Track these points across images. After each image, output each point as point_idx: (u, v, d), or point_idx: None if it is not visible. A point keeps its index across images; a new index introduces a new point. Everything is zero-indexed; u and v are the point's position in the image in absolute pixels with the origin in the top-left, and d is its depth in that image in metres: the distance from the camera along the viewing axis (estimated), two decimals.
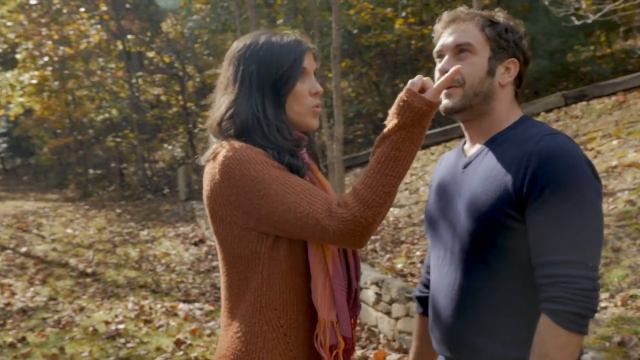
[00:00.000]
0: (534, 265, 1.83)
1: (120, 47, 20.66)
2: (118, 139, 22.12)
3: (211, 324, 6.76)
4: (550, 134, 1.92)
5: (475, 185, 1.96)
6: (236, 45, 2.07)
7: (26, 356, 6.00)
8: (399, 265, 6.70)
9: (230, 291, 2.01)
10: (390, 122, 1.79)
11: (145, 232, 13.19)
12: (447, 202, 2.09)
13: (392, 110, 1.80)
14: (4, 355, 6.10)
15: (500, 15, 2.04)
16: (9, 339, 6.53)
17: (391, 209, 9.26)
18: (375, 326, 6.13)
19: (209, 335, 6.33)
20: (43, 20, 17.22)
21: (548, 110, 11.11)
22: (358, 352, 5.56)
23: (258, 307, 1.94)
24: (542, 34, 12.39)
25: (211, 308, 7.36)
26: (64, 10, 17.65)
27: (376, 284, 6.10)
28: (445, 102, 2.01)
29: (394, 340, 5.76)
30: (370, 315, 6.23)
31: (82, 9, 18.01)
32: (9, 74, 19.50)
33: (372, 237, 8.12)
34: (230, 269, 1.99)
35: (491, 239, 1.90)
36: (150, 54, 22.40)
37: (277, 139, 1.95)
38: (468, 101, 1.99)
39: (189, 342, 6.14)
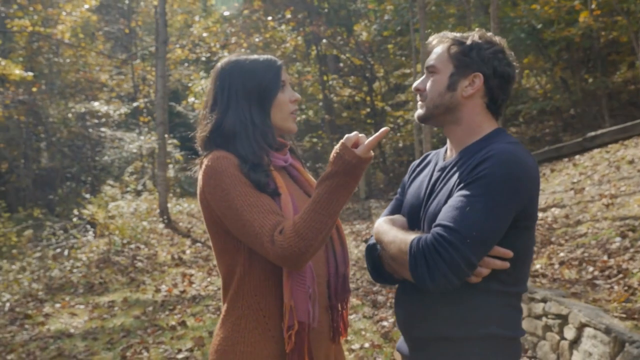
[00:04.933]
0: None
1: (315, 51, 21.60)
2: (315, 139, 23.10)
3: (352, 317, 7.07)
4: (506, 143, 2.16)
5: (441, 196, 2.19)
6: (219, 67, 2.40)
7: (179, 338, 6.67)
8: (537, 266, 6.63)
9: (223, 280, 2.35)
10: (328, 168, 2.06)
11: None
12: (425, 197, 2.32)
13: (330, 158, 2.07)
14: (164, 335, 6.82)
15: (474, 35, 2.27)
16: (172, 322, 7.26)
17: (551, 209, 9.05)
18: None
19: None
20: (232, 30, 18.43)
21: None
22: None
23: (241, 293, 2.26)
24: None
25: (358, 302, 7.67)
26: (254, 19, 18.75)
27: None
28: (416, 113, 2.34)
29: None
30: None
31: (269, 18, 19.06)
32: None
33: None
34: (220, 261, 2.33)
35: None
36: (344, 57, 23.14)
37: (260, 142, 2.27)
38: (429, 112, 2.28)
39: None
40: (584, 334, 4.66)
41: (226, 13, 18.62)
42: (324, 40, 21.21)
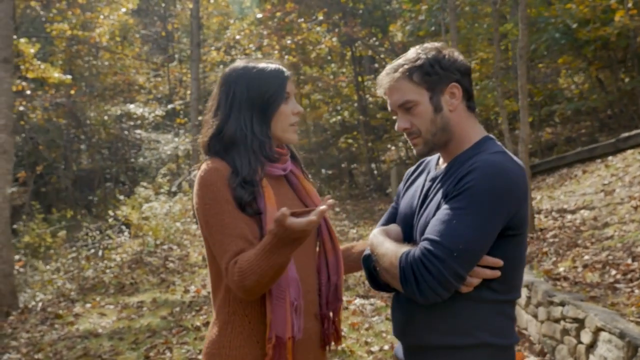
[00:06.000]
0: None
1: (350, 53, 21.66)
2: (350, 140, 23.15)
3: (375, 318, 7.08)
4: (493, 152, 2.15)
5: (431, 207, 2.19)
6: (227, 72, 2.43)
7: (203, 338, 6.76)
8: (561, 269, 6.57)
9: (212, 285, 2.40)
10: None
11: (354, 231, 13.80)
12: (418, 207, 2.32)
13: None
14: (188, 336, 6.92)
15: (420, 53, 2.23)
16: (197, 323, 7.36)
17: (580, 211, 8.97)
18: (526, 329, 6.11)
19: (367, 329, 6.66)
20: (265, 32, 18.57)
21: None
22: None
23: (228, 299, 2.31)
24: None
25: (382, 304, 7.68)
26: (286, 22, 18.86)
27: (527, 286, 6.08)
28: (414, 150, 2.29)
29: (537, 344, 5.72)
30: (522, 317, 6.21)
31: (301, 19, 19.15)
32: None
33: (550, 241, 7.97)
34: (211, 267, 2.38)
35: None
36: (378, 58, 23.14)
37: (257, 153, 2.30)
38: (430, 143, 2.24)
39: (342, 334, 6.52)
40: (600, 338, 4.61)
41: (259, 15, 18.74)
42: (359, 42, 21.24)
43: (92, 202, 21.22)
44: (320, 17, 19.26)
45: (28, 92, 16.25)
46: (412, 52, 2.24)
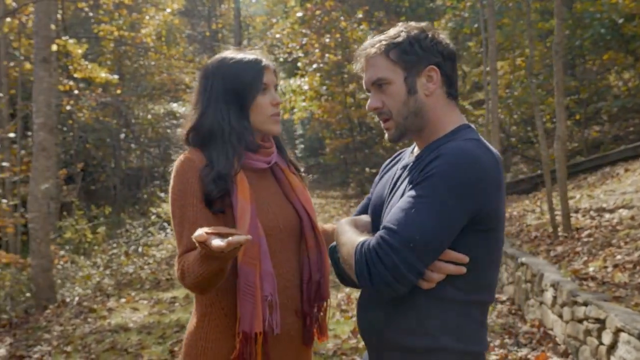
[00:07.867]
0: None
1: None
2: None
3: None
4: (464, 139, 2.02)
5: (397, 196, 2.09)
6: (207, 64, 2.45)
7: None
8: (591, 269, 6.43)
9: None
10: None
11: None
12: (387, 196, 2.22)
13: None
14: None
15: (402, 30, 2.10)
16: None
17: (618, 210, 8.76)
18: (552, 329, 6.01)
19: None
20: (304, 31, 18.63)
21: None
22: (521, 352, 5.52)
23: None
24: None
25: None
26: (326, 20, 18.87)
27: (553, 286, 5.98)
28: (386, 135, 2.16)
29: (562, 344, 5.62)
30: (548, 317, 6.11)
31: (342, 17, 19.13)
32: (291, 81, 21.28)
33: (585, 240, 7.81)
34: None
35: None
36: None
37: (235, 145, 2.30)
38: (401, 127, 2.10)
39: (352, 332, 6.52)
40: (620, 339, 4.51)
41: (299, 14, 18.80)
42: None
43: (140, 199, 21.53)
44: (360, 15, 19.18)
45: (76, 91, 16.53)
46: (394, 29, 2.13)
